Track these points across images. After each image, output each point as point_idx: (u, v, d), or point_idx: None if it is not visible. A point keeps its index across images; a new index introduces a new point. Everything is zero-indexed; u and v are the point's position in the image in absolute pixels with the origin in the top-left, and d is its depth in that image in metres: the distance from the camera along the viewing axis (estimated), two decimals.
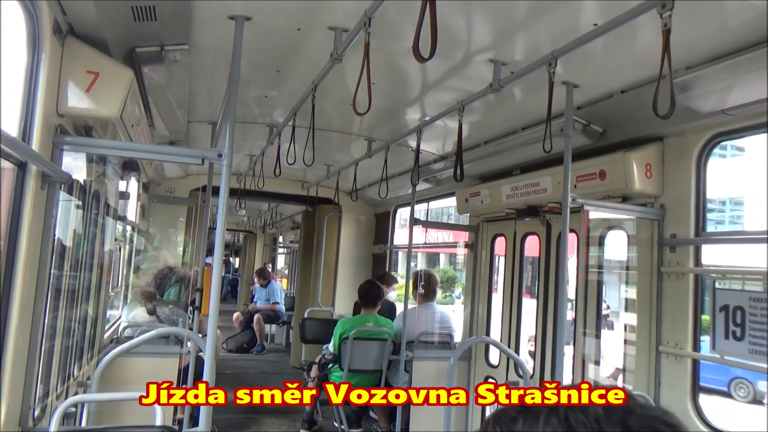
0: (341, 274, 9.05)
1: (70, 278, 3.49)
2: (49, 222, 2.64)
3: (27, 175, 2.40)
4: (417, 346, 5.54)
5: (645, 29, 2.69)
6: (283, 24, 3.14)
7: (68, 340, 3.60)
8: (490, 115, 4.49)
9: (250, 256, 19.29)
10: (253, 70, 3.85)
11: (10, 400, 2.36)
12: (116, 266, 5.93)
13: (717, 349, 3.22)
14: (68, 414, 2.93)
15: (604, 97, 3.70)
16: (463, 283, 6.28)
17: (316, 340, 7.41)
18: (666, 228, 3.72)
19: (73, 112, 2.78)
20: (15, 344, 2.36)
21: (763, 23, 2.50)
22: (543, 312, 5.07)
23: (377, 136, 5.59)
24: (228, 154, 2.83)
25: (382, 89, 3.88)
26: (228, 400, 7.28)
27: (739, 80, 2.95)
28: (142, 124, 3.88)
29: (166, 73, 3.52)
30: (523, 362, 4.84)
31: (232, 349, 11.51)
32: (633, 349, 3.95)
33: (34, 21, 2.38)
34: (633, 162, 3.72)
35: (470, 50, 3.29)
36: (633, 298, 4.04)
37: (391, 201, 7.93)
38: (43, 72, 2.45)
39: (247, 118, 5.26)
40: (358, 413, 6.65)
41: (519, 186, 4.95)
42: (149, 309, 5.20)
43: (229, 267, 25.14)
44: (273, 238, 17.67)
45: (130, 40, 3.13)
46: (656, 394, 3.65)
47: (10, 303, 2.34)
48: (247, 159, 7.02)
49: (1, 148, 2.01)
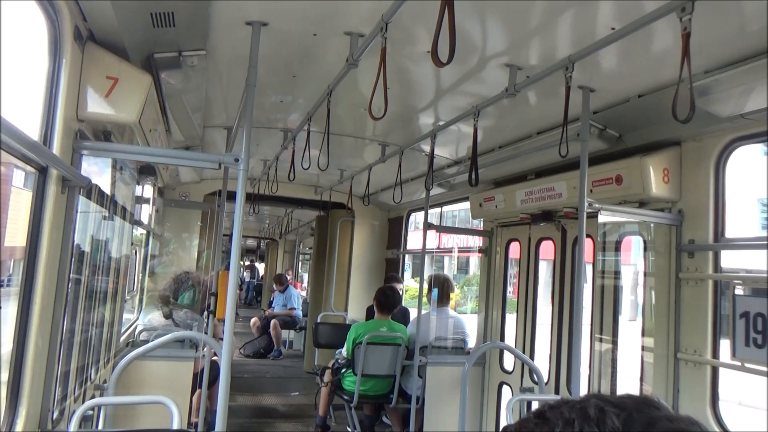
0: (354, 278, 9.06)
1: (88, 282, 3.53)
2: (69, 226, 2.67)
3: (48, 180, 2.43)
4: (431, 351, 5.52)
5: (662, 33, 2.68)
6: (299, 29, 3.16)
7: (86, 343, 3.63)
8: (505, 119, 4.48)
9: (272, 262, 19.43)
10: (269, 76, 3.87)
11: (31, 403, 2.39)
12: (132, 270, 5.98)
13: (737, 356, 3.18)
14: (86, 417, 2.96)
15: (621, 102, 3.67)
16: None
17: (329, 344, 7.42)
18: (684, 233, 3.68)
19: (93, 117, 2.81)
20: (35, 348, 2.39)
21: None
22: (558, 317, 5.04)
23: (391, 140, 5.60)
24: (244, 159, 2.86)
25: (397, 94, 3.89)
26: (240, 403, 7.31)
27: (757, 84, 2.91)
28: (159, 129, 3.92)
29: (183, 78, 3.56)
30: (538, 368, 4.80)
31: (249, 354, 11.57)
32: (651, 356, 3.90)
33: (56, 27, 2.41)
34: (650, 167, 3.69)
35: (485, 55, 3.29)
36: (651, 304, 4.00)
37: (404, 205, 7.93)
38: (63, 77, 2.49)
39: (262, 122, 5.29)
40: (371, 418, 6.64)
41: (534, 191, 4.92)
42: (165, 313, 5.24)
43: (255, 273, 25.26)
44: (293, 245, 17.80)
45: (148, 45, 3.16)
46: (675, 401, 3.61)
47: (31, 307, 2.37)
48: (261, 164, 7.06)
49: (23, 153, 2.03)
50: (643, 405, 0.76)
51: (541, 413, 0.81)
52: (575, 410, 0.77)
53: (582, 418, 0.75)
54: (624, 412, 0.74)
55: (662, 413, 0.76)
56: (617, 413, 0.74)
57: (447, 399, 5.31)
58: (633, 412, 0.74)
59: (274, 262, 19.12)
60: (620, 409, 0.75)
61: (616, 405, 0.76)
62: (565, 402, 0.80)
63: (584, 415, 0.76)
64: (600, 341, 4.46)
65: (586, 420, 0.75)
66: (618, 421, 0.73)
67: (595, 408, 0.76)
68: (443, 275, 6.78)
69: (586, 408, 0.76)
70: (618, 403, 0.77)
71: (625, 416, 0.74)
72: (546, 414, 0.80)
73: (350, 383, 6.08)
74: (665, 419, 0.74)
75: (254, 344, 11.83)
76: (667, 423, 0.74)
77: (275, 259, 19.26)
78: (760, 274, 3.27)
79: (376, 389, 6.10)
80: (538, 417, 0.81)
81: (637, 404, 0.76)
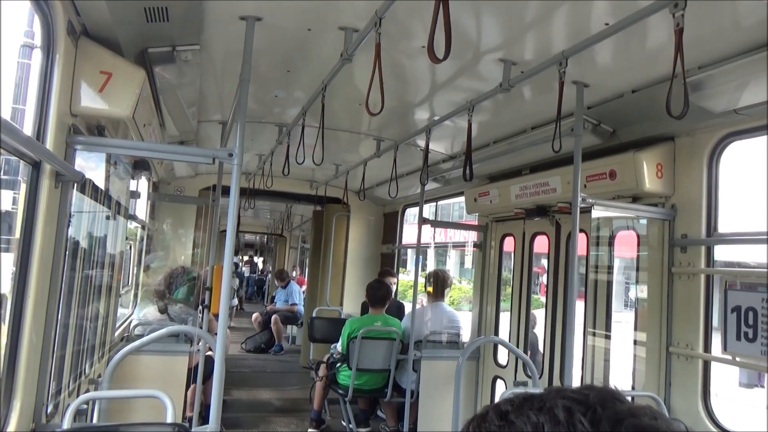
0: (350, 273, 9.07)
1: (83, 277, 3.52)
2: (63, 221, 2.67)
3: (41, 175, 2.43)
4: (425, 345, 5.54)
5: (656, 28, 2.68)
6: (293, 24, 3.15)
7: (80, 337, 3.63)
8: (499, 114, 4.49)
9: (280, 257, 19.40)
10: (264, 71, 3.87)
11: (25, 397, 2.39)
12: (127, 265, 5.97)
13: (728, 350, 3.21)
14: (80, 411, 2.96)
15: (615, 97, 3.68)
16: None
17: (324, 339, 7.44)
18: (677, 228, 3.71)
19: (86, 111, 2.80)
20: (29, 342, 2.39)
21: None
22: (552, 311, 5.06)
23: (386, 135, 5.60)
24: (238, 154, 2.85)
25: (391, 89, 3.88)
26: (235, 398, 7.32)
27: (751, 80, 2.93)
28: (153, 124, 3.91)
29: (177, 73, 3.55)
30: (531, 362, 4.83)
31: (250, 349, 11.61)
32: (643, 350, 3.93)
33: (49, 22, 2.40)
34: (643, 162, 3.71)
35: (480, 50, 3.29)
36: (643, 298, 4.03)
37: (400, 200, 7.94)
38: (57, 72, 2.48)
39: (256, 117, 5.28)
40: (366, 412, 6.67)
41: (528, 186, 4.94)
42: (160, 307, 5.23)
43: (254, 267, 25.23)
44: (298, 240, 17.80)
45: (142, 40, 3.15)
46: (667, 395, 3.64)
47: (25, 301, 2.37)
48: (256, 159, 7.05)
49: (16, 148, 2.03)
50: (607, 399, 0.75)
51: (503, 414, 0.78)
52: (543, 413, 0.75)
53: (552, 423, 0.73)
54: (589, 409, 0.73)
55: (625, 406, 0.75)
56: (584, 412, 0.73)
57: (441, 393, 5.34)
58: (597, 408, 0.73)
59: (282, 258, 19.10)
60: (585, 407, 0.74)
61: (580, 402, 0.75)
62: (527, 400, 0.78)
63: (554, 420, 0.73)
64: (593, 335, 4.49)
65: (556, 425, 0.73)
66: (586, 421, 0.72)
67: (563, 410, 0.74)
68: (439, 270, 6.79)
69: (553, 410, 0.74)
70: (582, 399, 0.75)
71: (591, 415, 0.73)
72: (510, 416, 0.77)
73: (345, 377, 6.10)
74: (629, 414, 0.73)
75: (255, 339, 11.86)
76: (632, 419, 0.73)
77: (283, 254, 19.23)
78: (752, 268, 3.30)
79: (371, 383, 6.12)
80: (501, 419, 0.78)
81: (601, 398, 0.75)
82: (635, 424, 0.72)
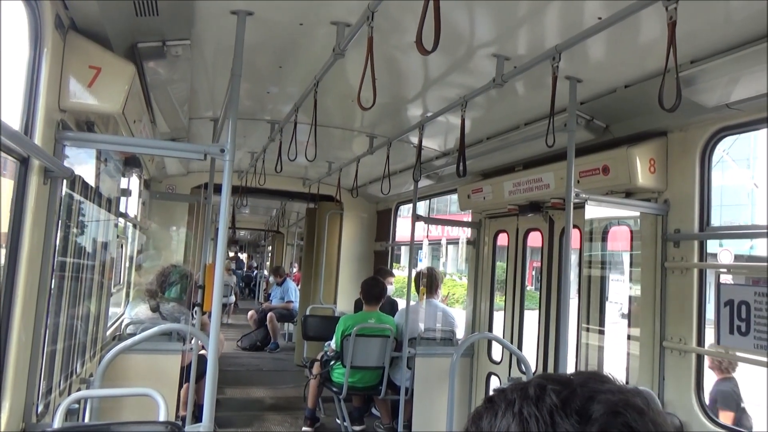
0: (343, 271, 9.05)
1: (73, 275, 3.49)
2: (52, 218, 2.63)
3: (29, 171, 2.39)
4: (419, 342, 5.53)
5: (649, 23, 2.68)
6: (285, 19, 3.13)
7: (71, 336, 3.60)
8: (492, 110, 4.48)
9: (278, 254, 19.33)
10: (255, 66, 3.83)
11: (14, 397, 2.36)
12: (118, 263, 5.93)
13: (722, 344, 3.22)
14: (71, 410, 2.93)
15: (608, 92, 3.68)
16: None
17: (318, 337, 7.42)
18: (670, 223, 3.71)
19: (75, 107, 2.77)
20: (18, 341, 2.35)
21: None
22: (546, 307, 5.07)
23: (379, 132, 5.58)
24: (230, 150, 2.83)
25: (384, 85, 3.86)
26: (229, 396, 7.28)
27: (743, 74, 2.93)
28: (143, 120, 3.87)
29: (167, 68, 3.51)
30: (525, 358, 4.83)
31: (246, 347, 11.58)
32: (636, 345, 3.94)
33: (36, 16, 2.37)
34: (636, 157, 3.71)
35: (473, 45, 3.28)
36: (636, 293, 4.03)
37: (393, 198, 7.92)
38: (45, 67, 2.44)
39: (248, 114, 5.25)
40: (360, 410, 6.66)
41: (521, 182, 4.94)
42: (152, 306, 5.20)
43: (240, 264, 25.07)
44: (295, 237, 17.73)
45: (131, 35, 3.12)
46: (660, 389, 3.65)
47: (13, 299, 2.33)
48: (248, 156, 7.01)
49: (3, 143, 2.00)
50: (589, 380, 0.76)
51: (490, 397, 0.82)
52: (516, 391, 0.77)
53: (522, 398, 0.76)
54: (566, 389, 0.74)
55: (606, 386, 0.75)
56: (558, 390, 0.74)
57: (436, 390, 5.33)
58: (576, 388, 0.74)
59: (280, 255, 19.04)
60: (563, 386, 0.75)
61: (560, 383, 0.76)
62: (515, 385, 0.81)
63: (524, 395, 0.76)
64: (587, 330, 4.49)
65: (525, 399, 0.75)
66: (557, 398, 0.73)
67: (535, 386, 0.76)
68: (431, 268, 6.79)
69: (527, 387, 0.77)
70: (564, 380, 0.76)
71: (567, 393, 0.74)
72: (493, 398, 0.81)
73: (339, 375, 6.09)
74: (608, 392, 0.74)
75: (251, 337, 11.84)
76: (609, 395, 0.73)
77: (281, 251, 19.17)
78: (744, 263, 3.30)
79: (365, 381, 6.11)
80: (487, 401, 0.82)
81: (584, 380, 0.76)
82: (608, 399, 0.72)
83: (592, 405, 0.71)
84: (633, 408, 0.72)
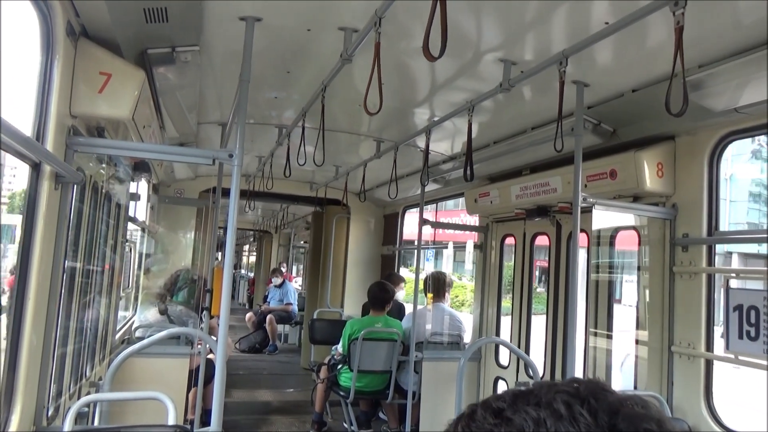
0: (350, 275, 9.05)
1: (83, 279, 3.52)
2: (63, 222, 2.66)
3: (41, 176, 2.42)
4: (426, 346, 5.52)
5: (656, 27, 2.68)
6: (293, 25, 3.15)
7: (81, 340, 3.62)
8: (499, 114, 4.48)
9: (267, 255, 19.30)
10: (263, 71, 3.86)
11: (25, 400, 2.38)
12: (127, 267, 5.97)
13: (731, 349, 3.20)
14: (81, 414, 2.95)
15: (615, 96, 3.68)
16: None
17: (325, 341, 7.42)
18: (678, 227, 3.70)
19: (86, 113, 2.80)
20: (29, 344, 2.38)
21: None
22: (553, 312, 5.05)
23: (386, 136, 5.59)
24: (238, 155, 2.85)
25: (391, 89, 3.88)
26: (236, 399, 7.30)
27: (752, 78, 2.92)
28: (153, 126, 3.90)
29: (177, 74, 3.54)
30: (533, 363, 4.82)
31: (244, 349, 11.59)
32: (645, 349, 3.92)
33: (48, 22, 2.40)
34: (644, 161, 3.70)
35: (480, 50, 3.29)
36: (644, 298, 4.02)
37: (400, 202, 7.93)
38: (56, 73, 2.47)
39: (256, 119, 5.28)
40: (367, 414, 6.65)
41: (529, 186, 4.93)
42: (161, 309, 5.23)
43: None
44: (288, 238, 17.70)
45: (141, 41, 3.15)
46: (669, 394, 3.63)
47: (25, 303, 2.36)
48: (256, 160, 7.04)
49: (16, 149, 2.03)
50: (597, 390, 0.74)
51: (497, 411, 0.74)
52: (542, 408, 0.72)
53: (554, 417, 0.71)
54: (585, 402, 0.72)
55: (614, 397, 0.74)
56: (581, 404, 0.72)
57: (443, 394, 5.32)
58: (590, 399, 0.72)
59: (269, 256, 19.00)
60: (580, 399, 0.72)
61: (573, 395, 0.73)
62: (519, 396, 0.75)
63: (555, 414, 0.71)
64: (595, 335, 4.48)
65: (558, 419, 0.71)
66: (586, 413, 0.70)
67: (563, 404, 0.72)
68: (438, 272, 6.78)
69: (552, 404, 0.72)
70: (574, 392, 0.73)
71: (587, 406, 0.71)
72: (506, 413, 0.73)
73: (346, 379, 6.09)
74: (621, 404, 0.72)
75: (249, 339, 11.84)
76: (625, 409, 0.72)
77: (270, 252, 19.13)
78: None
79: (372, 385, 6.11)
80: (496, 416, 0.74)
81: (591, 390, 0.74)
82: (629, 414, 0.71)
83: (617, 420, 0.71)
84: (650, 420, 0.72)
